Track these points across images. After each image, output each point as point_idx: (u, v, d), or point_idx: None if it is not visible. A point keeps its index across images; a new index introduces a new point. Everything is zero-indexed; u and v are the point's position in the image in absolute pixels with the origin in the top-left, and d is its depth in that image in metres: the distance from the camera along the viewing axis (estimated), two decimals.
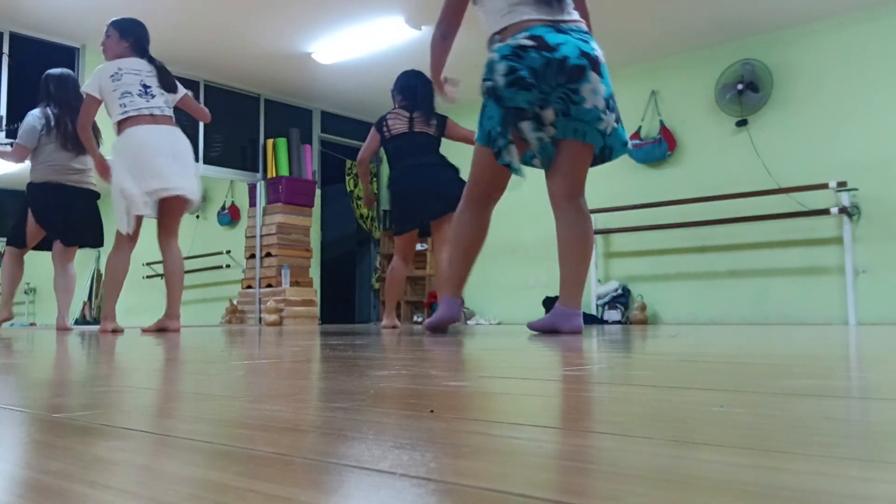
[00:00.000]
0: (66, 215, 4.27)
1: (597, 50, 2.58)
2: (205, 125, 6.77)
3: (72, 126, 4.15)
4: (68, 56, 5.89)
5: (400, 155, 4.29)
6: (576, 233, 2.63)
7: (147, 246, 4.00)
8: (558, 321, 2.62)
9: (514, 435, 0.51)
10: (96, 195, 4.39)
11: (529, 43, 2.49)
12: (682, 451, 0.44)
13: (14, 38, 5.61)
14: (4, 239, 4.87)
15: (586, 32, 2.63)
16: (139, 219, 3.66)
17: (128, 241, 3.69)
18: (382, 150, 4.48)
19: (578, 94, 2.50)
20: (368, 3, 5.36)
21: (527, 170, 2.72)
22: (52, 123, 4.24)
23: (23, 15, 5.44)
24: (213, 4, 5.30)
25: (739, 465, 0.40)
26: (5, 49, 5.54)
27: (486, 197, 2.81)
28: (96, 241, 4.49)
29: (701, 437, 0.49)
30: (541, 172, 2.79)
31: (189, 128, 6.54)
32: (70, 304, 4.46)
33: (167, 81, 3.76)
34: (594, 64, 2.54)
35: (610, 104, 2.59)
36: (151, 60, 3.76)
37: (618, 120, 2.63)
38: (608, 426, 0.55)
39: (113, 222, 3.67)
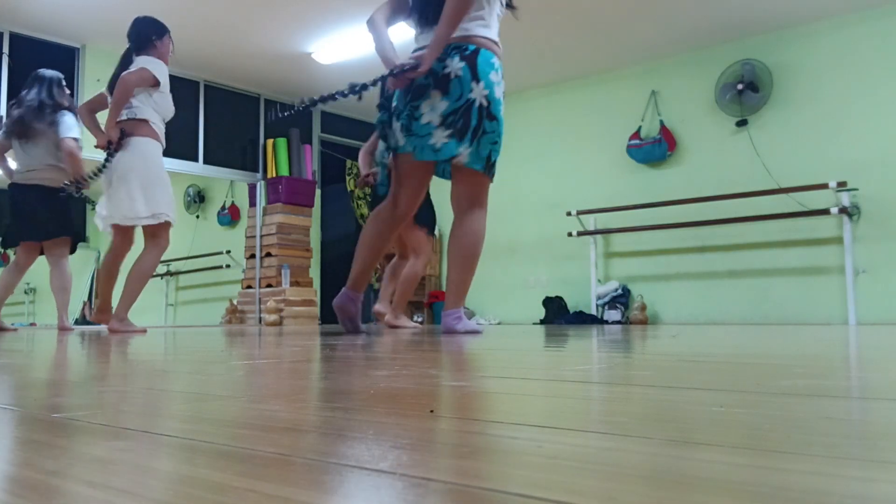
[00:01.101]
0: (12, 214, 4.29)
1: (449, 66, 2.66)
2: (205, 124, 6.77)
3: (25, 126, 4.19)
4: (68, 56, 5.89)
5: None
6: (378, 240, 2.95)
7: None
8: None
9: (514, 435, 0.51)
10: (52, 191, 4.16)
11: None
12: (682, 451, 0.44)
13: (14, 38, 5.61)
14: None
15: (455, 48, 2.69)
16: (116, 227, 3.67)
17: (117, 243, 3.72)
18: None
19: (419, 111, 2.71)
20: (368, 3, 5.35)
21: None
22: (9, 122, 4.32)
23: (23, 15, 5.44)
24: (213, 4, 5.30)
25: (739, 465, 0.40)
26: (5, 49, 5.54)
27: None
28: (40, 235, 4.32)
29: (701, 437, 0.49)
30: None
31: (191, 124, 6.58)
32: (68, 303, 4.43)
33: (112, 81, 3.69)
34: (438, 81, 2.67)
35: (448, 120, 2.66)
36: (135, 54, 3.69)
37: (454, 136, 2.66)
38: (608, 426, 0.55)
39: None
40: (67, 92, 4.42)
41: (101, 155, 3.67)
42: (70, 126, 4.18)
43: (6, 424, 0.59)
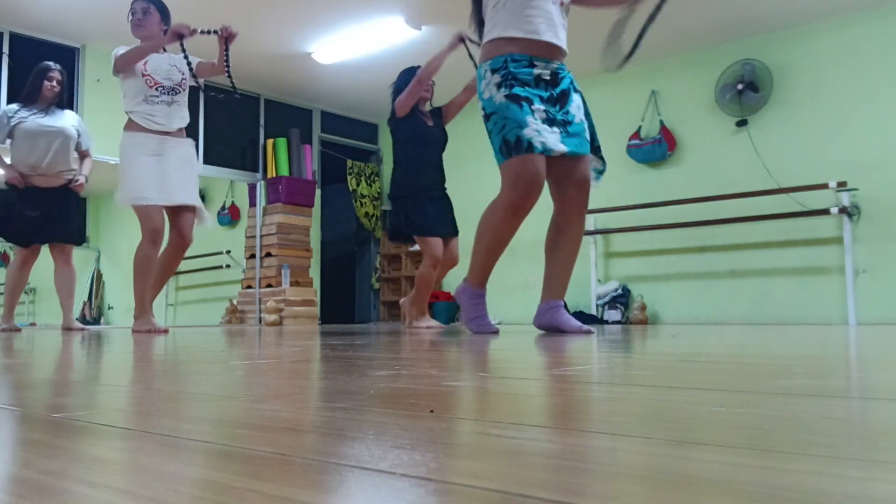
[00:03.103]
0: None
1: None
2: (205, 124, 6.78)
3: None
4: (68, 56, 5.89)
5: (419, 145, 4.32)
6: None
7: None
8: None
9: (514, 435, 0.51)
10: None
11: None
12: (682, 451, 0.44)
13: (14, 38, 5.61)
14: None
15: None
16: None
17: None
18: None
19: (569, 112, 3.07)
20: (368, 3, 5.36)
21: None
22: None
23: (23, 15, 5.44)
24: (213, 4, 5.30)
25: (739, 465, 0.40)
26: (5, 49, 5.54)
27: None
28: None
29: (701, 437, 0.49)
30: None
31: (191, 124, 6.60)
32: (71, 303, 4.47)
33: None
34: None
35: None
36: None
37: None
38: (608, 426, 0.55)
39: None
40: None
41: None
42: None
43: (6, 424, 0.59)
